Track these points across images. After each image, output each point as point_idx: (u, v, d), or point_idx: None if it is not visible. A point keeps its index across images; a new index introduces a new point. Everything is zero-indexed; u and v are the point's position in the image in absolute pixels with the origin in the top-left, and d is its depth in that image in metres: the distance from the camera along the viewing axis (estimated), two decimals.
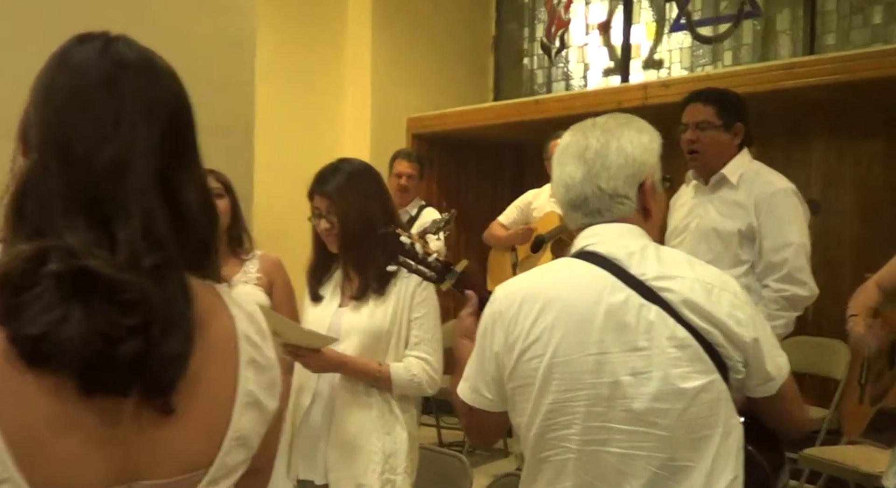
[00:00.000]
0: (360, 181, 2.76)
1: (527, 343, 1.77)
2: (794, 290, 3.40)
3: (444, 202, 6.51)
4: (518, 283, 1.88)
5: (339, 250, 2.75)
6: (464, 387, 1.91)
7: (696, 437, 1.72)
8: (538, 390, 1.77)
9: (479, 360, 1.88)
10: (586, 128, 1.89)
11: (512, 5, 7.45)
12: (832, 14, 5.64)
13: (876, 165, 5.49)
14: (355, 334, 2.70)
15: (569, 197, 1.86)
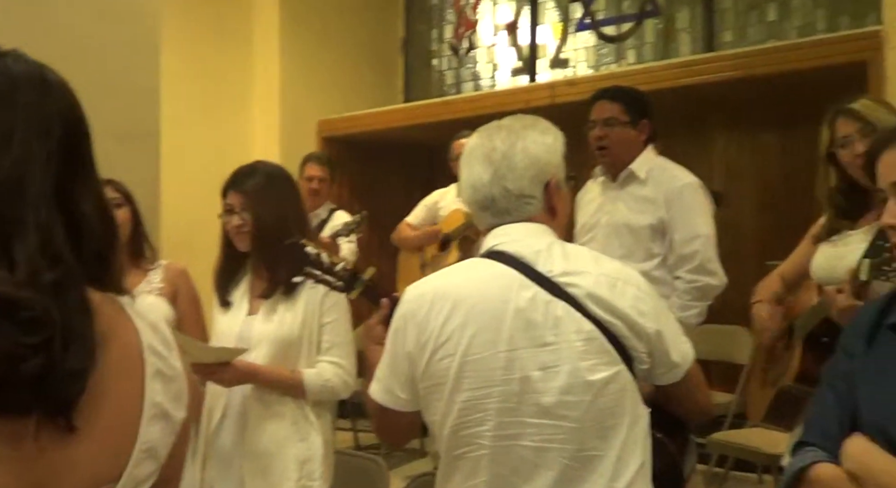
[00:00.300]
0: (278, 183, 2.77)
1: (439, 342, 1.80)
2: (706, 280, 3.52)
3: (356, 204, 6.50)
4: (428, 284, 1.90)
5: (251, 249, 2.74)
6: (376, 389, 1.92)
7: (605, 427, 1.77)
8: (451, 388, 1.79)
9: (391, 361, 1.89)
10: (492, 131, 1.93)
11: (420, 7, 7.49)
12: (729, 12, 5.82)
13: (773, 158, 5.69)
14: (266, 343, 2.68)
15: (476, 198, 1.90)
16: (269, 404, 2.69)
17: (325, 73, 6.89)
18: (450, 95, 7.03)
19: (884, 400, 1.60)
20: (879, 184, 1.64)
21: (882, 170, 1.63)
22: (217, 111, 6.53)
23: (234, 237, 2.74)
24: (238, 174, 2.77)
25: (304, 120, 6.76)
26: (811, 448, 1.67)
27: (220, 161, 6.13)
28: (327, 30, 6.92)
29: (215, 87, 6.53)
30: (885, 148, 1.63)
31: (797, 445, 1.71)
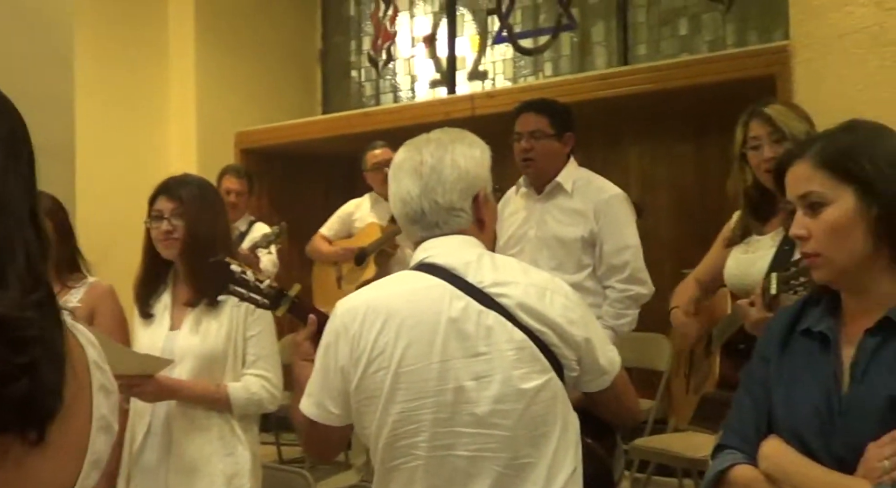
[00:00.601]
0: (210, 196, 2.79)
1: (372, 356, 1.81)
2: (637, 289, 3.61)
3: (276, 216, 6.44)
4: (360, 297, 1.91)
5: (178, 258, 2.71)
6: (307, 403, 1.90)
7: (537, 434, 1.80)
8: (385, 401, 1.80)
9: (323, 376, 1.88)
10: (420, 144, 1.95)
11: (338, 18, 7.48)
12: (642, 26, 5.95)
13: (688, 168, 5.83)
14: (190, 358, 2.66)
15: (406, 211, 1.92)
16: (195, 419, 2.66)
17: (243, 84, 6.83)
18: (369, 107, 7.03)
19: (796, 404, 1.66)
20: (788, 196, 1.70)
21: (790, 182, 1.69)
22: (133, 123, 6.42)
23: (161, 244, 2.71)
24: (170, 181, 2.76)
25: (222, 131, 6.69)
26: (730, 450, 1.72)
27: (136, 173, 6.07)
28: (244, 41, 6.85)
29: (131, 98, 6.42)
30: (793, 161, 1.68)
31: (717, 448, 1.76)
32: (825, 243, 1.63)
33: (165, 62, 6.67)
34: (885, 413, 1.54)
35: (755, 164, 2.72)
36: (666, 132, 5.92)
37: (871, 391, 1.57)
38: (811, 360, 1.68)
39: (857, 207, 1.60)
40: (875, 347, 1.60)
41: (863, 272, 1.63)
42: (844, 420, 1.59)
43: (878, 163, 1.60)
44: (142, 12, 6.53)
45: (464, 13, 6.82)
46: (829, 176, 1.62)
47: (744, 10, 5.52)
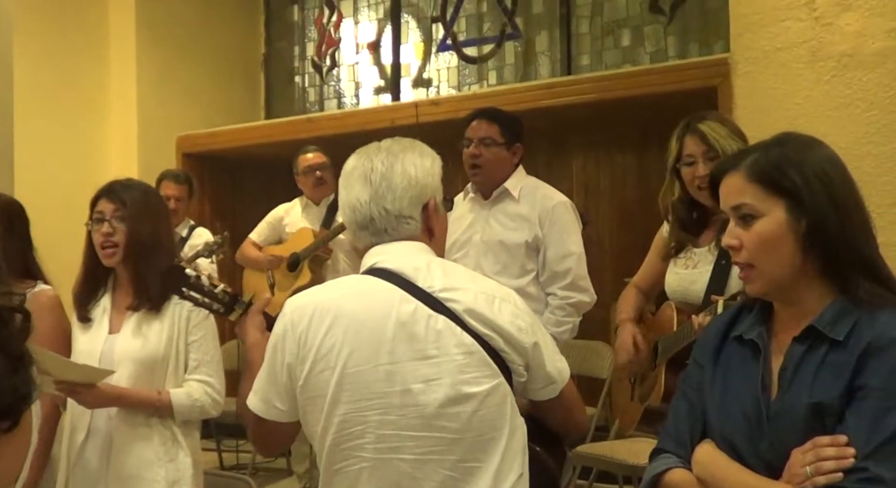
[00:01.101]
0: (154, 201, 2.79)
1: (319, 355, 1.82)
2: (579, 297, 3.64)
3: (218, 221, 6.39)
4: (309, 297, 1.92)
5: (120, 262, 2.68)
6: (254, 400, 1.92)
7: (485, 439, 1.81)
8: (330, 402, 1.81)
9: (269, 372, 1.90)
10: (371, 152, 1.96)
11: (281, 24, 7.44)
12: (586, 36, 6.02)
13: (630, 177, 5.90)
14: (129, 362, 2.63)
15: (356, 217, 1.92)
16: (136, 425, 2.64)
17: (185, 88, 6.75)
18: (312, 113, 7.00)
19: (728, 409, 1.70)
20: (721, 206, 1.74)
21: (723, 193, 1.73)
22: (73, 127, 6.31)
23: (101, 250, 2.67)
24: (113, 184, 2.74)
25: (164, 135, 6.60)
26: (666, 454, 1.76)
27: (76, 177, 5.97)
28: (185, 45, 6.78)
29: (71, 102, 6.31)
30: (727, 172, 1.72)
31: (654, 452, 1.80)
32: (757, 254, 1.67)
33: (106, 66, 6.56)
34: (808, 419, 1.59)
35: (688, 180, 2.77)
36: (609, 141, 5.99)
37: (795, 398, 1.61)
38: (742, 367, 1.72)
39: (787, 220, 1.64)
40: (801, 355, 1.64)
41: (793, 283, 1.67)
42: (772, 426, 1.63)
43: (807, 176, 1.64)
44: (82, 16, 6.42)
45: (408, 20, 6.83)
46: (761, 189, 1.66)
47: (685, 22, 5.61)
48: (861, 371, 1.57)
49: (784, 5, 4.09)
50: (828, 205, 1.63)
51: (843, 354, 1.60)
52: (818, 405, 1.58)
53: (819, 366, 1.61)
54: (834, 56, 3.95)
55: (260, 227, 5.26)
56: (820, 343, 1.63)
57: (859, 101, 3.87)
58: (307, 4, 7.34)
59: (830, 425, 1.57)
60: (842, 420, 1.57)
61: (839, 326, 1.62)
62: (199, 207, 6.40)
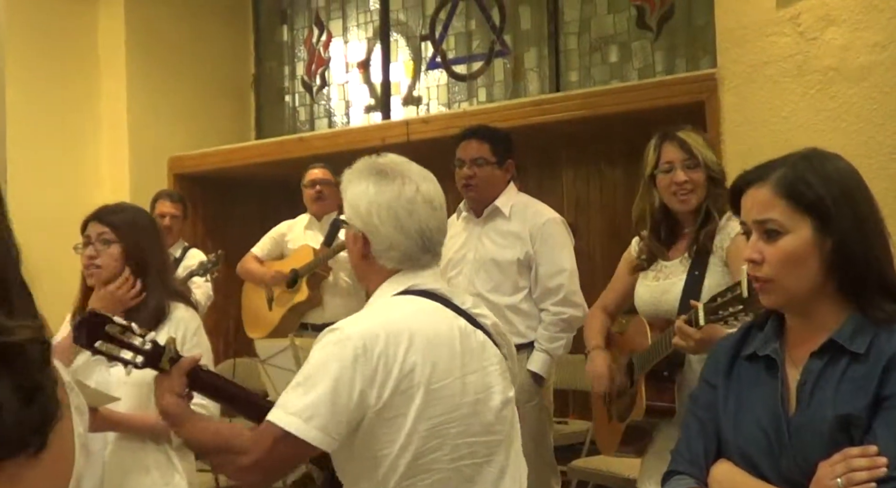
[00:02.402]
0: (144, 223, 2.80)
1: (401, 374, 1.85)
2: (572, 312, 3.66)
3: (210, 242, 6.39)
4: (372, 321, 1.92)
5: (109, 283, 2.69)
6: (308, 427, 1.82)
7: (513, 437, 2.05)
8: (414, 419, 1.86)
9: (333, 399, 1.82)
10: (417, 178, 2.02)
11: (271, 44, 7.47)
12: (574, 53, 6.06)
13: (619, 192, 5.93)
14: (126, 387, 2.62)
15: (424, 243, 1.99)
16: (131, 450, 2.64)
17: (176, 109, 6.76)
18: (303, 132, 7.02)
19: (744, 427, 1.70)
20: (743, 218, 1.74)
21: (748, 205, 1.72)
22: (65, 150, 6.32)
23: (85, 270, 2.69)
24: (103, 208, 2.77)
25: (155, 156, 6.61)
26: (680, 476, 1.76)
27: (69, 201, 5.97)
28: (176, 66, 6.80)
29: (62, 125, 6.32)
30: (752, 184, 1.71)
31: (667, 474, 1.80)
32: (779, 270, 1.66)
33: (97, 89, 6.58)
34: (833, 432, 1.58)
35: (664, 187, 2.79)
36: (598, 157, 6.03)
37: (818, 412, 1.61)
38: (758, 384, 1.72)
39: (813, 238, 1.64)
40: (821, 369, 1.64)
41: (810, 298, 1.67)
42: (794, 441, 1.63)
43: (835, 196, 1.64)
44: (72, 38, 6.44)
45: (397, 39, 6.86)
46: (789, 205, 1.65)
47: (672, 38, 5.66)
48: (886, 382, 1.57)
49: (769, 20, 4.14)
50: (853, 226, 1.63)
51: (865, 367, 1.60)
52: (845, 417, 1.58)
53: (840, 379, 1.61)
54: (820, 70, 4.00)
55: (263, 242, 5.26)
56: (840, 356, 1.63)
57: (845, 115, 3.91)
58: (296, 24, 7.37)
59: (857, 437, 1.57)
60: (869, 431, 1.56)
61: (859, 340, 1.62)
62: (191, 228, 6.40)
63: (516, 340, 3.67)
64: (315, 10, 7.26)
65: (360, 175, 2.03)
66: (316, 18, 7.25)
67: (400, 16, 6.84)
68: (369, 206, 1.97)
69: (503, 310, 3.69)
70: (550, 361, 3.76)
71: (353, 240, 2.03)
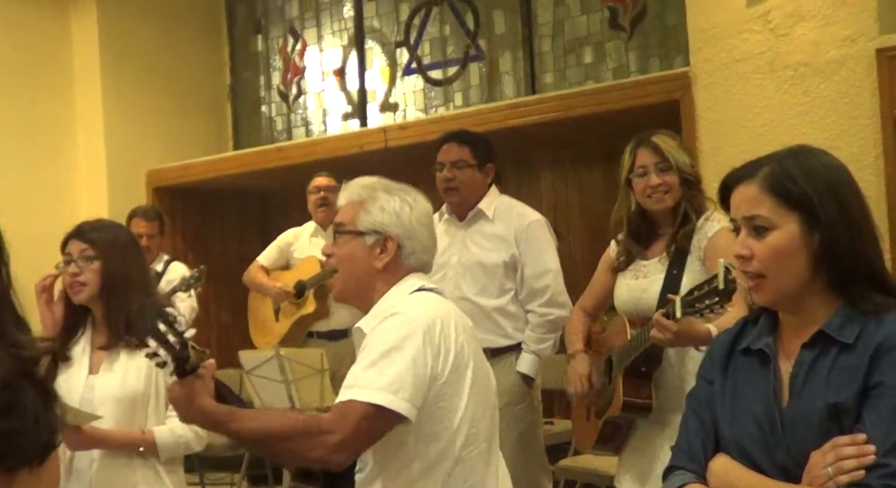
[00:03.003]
0: (124, 239, 2.79)
1: (456, 352, 2.04)
2: (558, 313, 3.68)
3: (191, 254, 6.38)
4: (422, 306, 2.08)
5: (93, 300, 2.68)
6: (397, 399, 1.95)
7: None
8: (469, 393, 2.05)
9: (413, 372, 1.98)
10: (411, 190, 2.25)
11: (246, 54, 7.47)
12: (548, 55, 6.09)
13: (598, 192, 5.96)
14: (110, 403, 2.62)
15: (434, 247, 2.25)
16: (118, 466, 2.63)
17: (152, 122, 6.75)
18: (281, 141, 7.02)
19: (740, 419, 1.73)
20: (732, 215, 1.76)
21: (736, 202, 1.74)
22: (41, 166, 6.30)
23: (70, 288, 2.68)
24: (83, 225, 2.76)
25: (133, 170, 6.59)
26: (680, 471, 1.78)
27: (46, 217, 5.93)
28: (151, 79, 6.78)
29: (37, 141, 6.30)
30: (739, 182, 1.74)
31: (668, 470, 1.82)
32: (769, 266, 1.68)
33: (72, 104, 6.56)
34: (824, 422, 1.61)
35: (639, 190, 2.85)
36: (576, 158, 6.06)
37: (810, 402, 1.64)
38: (752, 377, 1.74)
39: (800, 234, 1.66)
40: (812, 360, 1.67)
41: (801, 294, 1.69)
42: (787, 432, 1.65)
43: (821, 191, 1.66)
44: (45, 53, 6.42)
45: (372, 46, 6.88)
46: (777, 201, 1.68)
47: (645, 37, 5.70)
48: (874, 370, 1.59)
49: (740, 19, 4.18)
50: (840, 221, 1.65)
51: (854, 357, 1.62)
52: (835, 406, 1.60)
53: (830, 369, 1.63)
54: (791, 65, 4.04)
55: (268, 251, 5.26)
56: (830, 347, 1.65)
57: (818, 108, 3.95)
58: (271, 34, 7.37)
59: (847, 426, 1.59)
60: (859, 419, 1.58)
61: (847, 330, 1.64)
62: (171, 240, 6.39)
63: (504, 342, 3.72)
64: (289, 20, 7.26)
65: (385, 189, 2.20)
66: (290, 28, 7.25)
67: (374, 23, 6.85)
68: (411, 215, 2.17)
69: (490, 313, 3.71)
70: (539, 362, 3.78)
71: (380, 248, 2.16)
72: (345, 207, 2.22)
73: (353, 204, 2.20)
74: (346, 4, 6.97)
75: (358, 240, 2.17)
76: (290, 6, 7.26)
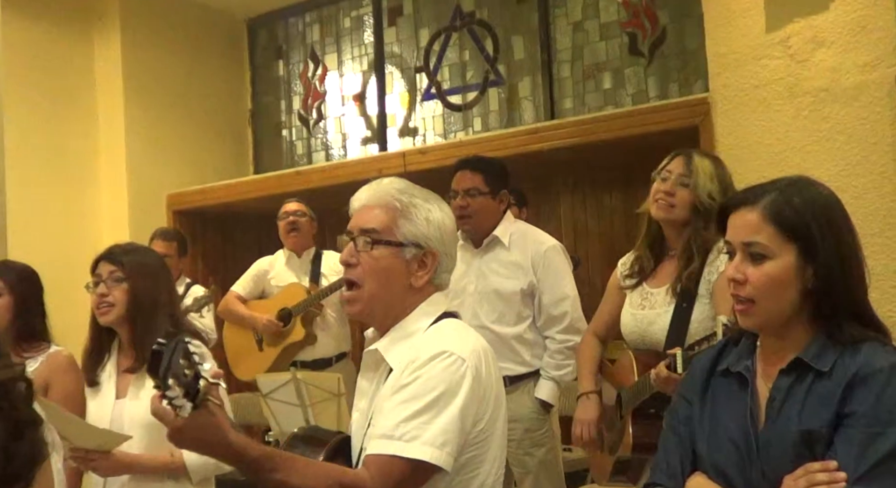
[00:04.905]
0: (153, 263, 2.82)
1: (496, 393, 1.94)
2: (576, 339, 3.67)
3: (211, 278, 6.40)
4: (466, 342, 1.93)
5: (119, 323, 2.70)
6: (442, 454, 1.81)
7: None
8: (500, 432, 1.95)
9: (461, 422, 1.84)
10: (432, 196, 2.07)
11: (267, 79, 7.53)
12: (567, 80, 6.11)
13: (617, 217, 5.96)
14: (139, 427, 2.64)
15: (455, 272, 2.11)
16: None
17: (174, 146, 6.81)
18: (301, 166, 7.06)
19: (717, 440, 1.75)
20: (728, 238, 1.77)
21: (735, 225, 1.76)
22: (64, 189, 6.34)
23: (97, 308, 2.71)
24: (113, 248, 2.80)
25: (154, 194, 6.64)
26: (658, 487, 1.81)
27: (69, 240, 5.99)
28: (173, 104, 6.84)
29: (60, 165, 6.35)
30: (742, 205, 1.75)
31: (646, 486, 1.85)
32: (761, 293, 1.70)
33: (95, 129, 6.62)
34: (798, 447, 1.64)
35: (652, 192, 2.82)
36: (595, 183, 6.06)
37: (784, 427, 1.66)
38: (730, 399, 1.77)
39: (796, 265, 1.69)
40: (788, 386, 1.69)
41: (787, 321, 1.72)
42: (762, 454, 1.68)
43: (821, 227, 1.69)
44: (69, 79, 6.49)
45: (392, 71, 6.92)
46: (777, 231, 1.69)
47: (664, 63, 5.71)
48: (848, 399, 1.62)
49: (760, 44, 4.18)
50: (834, 257, 1.68)
51: (829, 384, 1.65)
52: (807, 432, 1.63)
53: (806, 395, 1.66)
54: (811, 91, 4.03)
55: (244, 280, 5.23)
56: (806, 374, 1.68)
57: (838, 135, 3.94)
58: (292, 59, 7.43)
59: (820, 452, 1.62)
60: (831, 446, 1.61)
61: (824, 358, 1.67)
62: (191, 263, 6.43)
63: (522, 369, 3.70)
64: (310, 45, 7.32)
65: (423, 196, 2.00)
66: (311, 53, 7.31)
67: (394, 48, 6.90)
68: (441, 227, 1.97)
69: (508, 341, 3.70)
70: (558, 388, 3.77)
71: (417, 264, 1.96)
72: (375, 212, 1.96)
73: (389, 209, 1.95)
74: (367, 30, 7.03)
75: (395, 252, 1.93)
76: (311, 31, 7.33)
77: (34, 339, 3.05)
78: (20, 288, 3.06)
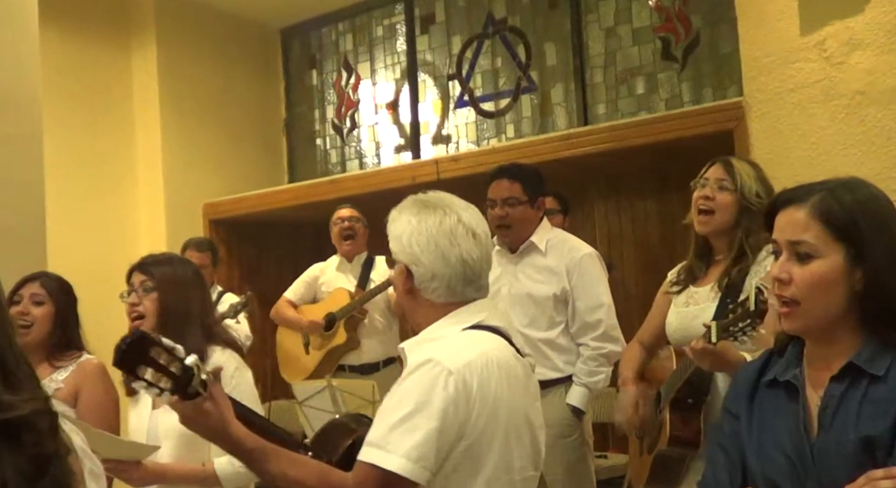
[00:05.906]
0: (185, 273, 2.82)
1: (493, 407, 1.90)
2: (611, 347, 3.66)
3: (246, 286, 6.45)
4: (463, 354, 1.91)
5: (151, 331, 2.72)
6: (416, 468, 1.82)
7: None
8: (498, 450, 1.90)
9: (438, 438, 1.84)
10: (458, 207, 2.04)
11: (301, 88, 7.58)
12: (600, 86, 6.09)
13: (652, 222, 5.93)
14: (172, 437, 2.65)
15: (466, 273, 1.99)
16: None
17: (209, 156, 6.88)
18: (335, 174, 7.10)
19: (768, 453, 1.70)
20: (775, 236, 1.73)
21: (782, 224, 1.71)
22: (101, 199, 6.43)
23: (128, 315, 2.74)
24: (146, 258, 2.82)
25: (190, 203, 6.71)
26: None
27: (107, 249, 6.07)
28: (209, 114, 6.91)
29: (98, 174, 6.44)
30: (790, 203, 1.71)
31: None
32: (807, 293, 1.65)
33: (132, 139, 6.71)
34: (857, 454, 1.58)
35: (693, 201, 2.81)
36: (629, 189, 6.03)
37: (841, 434, 1.61)
38: (779, 409, 1.72)
39: (844, 266, 1.64)
40: (842, 392, 1.64)
41: (832, 324, 1.67)
42: (817, 464, 1.62)
43: (872, 228, 1.64)
44: (106, 89, 6.58)
45: (425, 79, 6.94)
46: (825, 230, 1.65)
47: (698, 68, 5.68)
48: None
49: (795, 47, 4.14)
50: (886, 260, 1.63)
51: (885, 389, 1.60)
52: (867, 439, 1.58)
53: (861, 401, 1.61)
54: (847, 94, 3.99)
55: (296, 286, 5.28)
56: (860, 379, 1.63)
57: (875, 138, 3.90)
58: (325, 68, 7.48)
59: (881, 459, 1.56)
60: (892, 453, 1.56)
61: (878, 362, 1.62)
62: (227, 272, 6.49)
63: (553, 375, 3.69)
64: (343, 54, 7.37)
65: (403, 210, 2.05)
66: (344, 62, 7.36)
67: (427, 56, 6.92)
68: (410, 237, 1.99)
69: (538, 345, 3.69)
70: (589, 395, 3.75)
71: (399, 275, 2.03)
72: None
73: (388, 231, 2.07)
74: (399, 38, 7.06)
75: (398, 270, 2.04)
76: (344, 41, 7.37)
77: (68, 349, 3.10)
78: (61, 298, 3.12)
